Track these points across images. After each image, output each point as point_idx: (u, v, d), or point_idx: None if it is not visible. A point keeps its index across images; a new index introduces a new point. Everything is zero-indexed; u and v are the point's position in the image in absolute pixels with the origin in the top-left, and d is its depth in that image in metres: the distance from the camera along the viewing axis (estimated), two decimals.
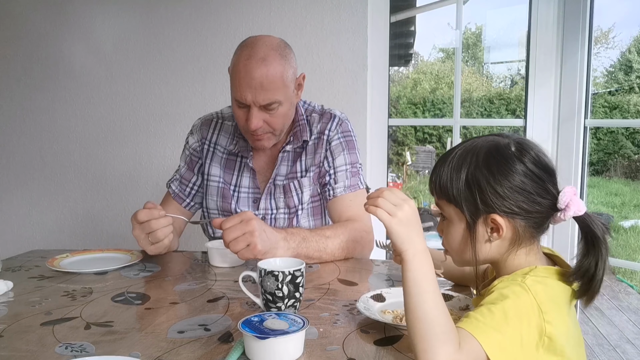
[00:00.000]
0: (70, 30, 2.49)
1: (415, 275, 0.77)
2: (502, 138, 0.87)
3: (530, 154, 0.84)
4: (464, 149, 0.88)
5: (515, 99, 12.51)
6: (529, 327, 0.76)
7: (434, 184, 0.90)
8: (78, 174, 2.57)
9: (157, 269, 1.33)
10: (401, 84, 15.32)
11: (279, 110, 1.37)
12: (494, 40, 18.62)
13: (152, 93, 2.45)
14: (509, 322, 0.75)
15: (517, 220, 0.84)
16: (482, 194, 0.83)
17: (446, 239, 0.91)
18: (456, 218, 0.88)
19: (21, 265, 1.36)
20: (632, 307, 4.41)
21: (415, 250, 0.78)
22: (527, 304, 0.77)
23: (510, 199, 0.82)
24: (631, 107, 12.07)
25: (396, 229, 0.79)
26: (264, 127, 1.39)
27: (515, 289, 0.79)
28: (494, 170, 0.83)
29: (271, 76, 1.32)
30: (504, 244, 0.86)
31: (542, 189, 0.83)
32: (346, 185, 1.49)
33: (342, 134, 1.52)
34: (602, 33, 16.08)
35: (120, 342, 0.87)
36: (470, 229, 0.86)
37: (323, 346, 0.85)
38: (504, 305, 0.76)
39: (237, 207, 1.52)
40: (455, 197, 0.86)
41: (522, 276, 0.82)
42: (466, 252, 0.88)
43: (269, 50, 1.33)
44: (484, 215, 0.84)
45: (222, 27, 2.35)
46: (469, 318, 0.76)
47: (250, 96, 1.33)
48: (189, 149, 1.60)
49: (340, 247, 1.37)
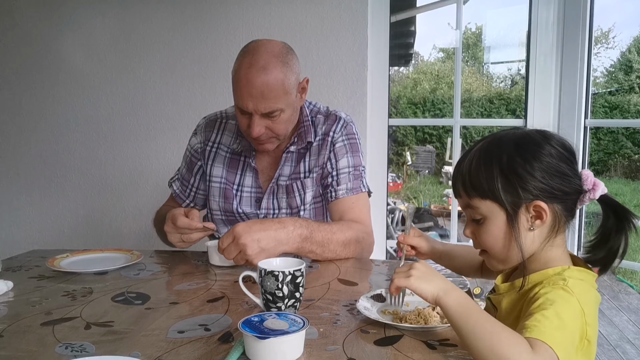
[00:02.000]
0: (70, 30, 2.48)
1: (456, 308, 0.79)
2: (520, 129, 0.89)
3: (555, 137, 0.87)
4: (486, 145, 0.88)
5: (515, 99, 12.52)
6: (577, 330, 0.77)
7: (462, 184, 0.89)
8: (78, 174, 2.57)
9: (157, 269, 1.33)
10: (401, 84, 15.32)
11: (281, 117, 1.37)
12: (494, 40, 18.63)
13: (152, 93, 2.45)
14: (564, 323, 0.75)
15: (555, 205, 0.85)
16: (521, 181, 0.84)
17: (484, 239, 0.90)
18: (494, 213, 0.87)
19: (21, 265, 1.36)
20: (632, 307, 4.40)
21: (445, 290, 0.81)
22: (575, 307, 0.78)
23: (549, 183, 0.83)
24: (631, 107, 12.07)
25: (417, 284, 0.83)
26: (267, 133, 1.39)
27: (560, 292, 0.79)
28: (528, 156, 0.84)
29: (272, 85, 1.31)
30: (544, 232, 0.86)
31: (573, 169, 0.85)
32: (348, 187, 1.49)
33: (347, 136, 1.51)
34: (602, 33, 16.09)
35: (120, 342, 0.87)
36: (512, 220, 0.85)
37: (323, 346, 0.85)
38: (555, 309, 0.76)
39: (239, 207, 1.52)
40: (492, 191, 0.85)
41: (562, 280, 0.82)
42: (511, 247, 0.87)
43: (270, 57, 1.32)
44: (525, 204, 0.84)
45: (222, 27, 2.35)
46: (526, 328, 0.76)
47: (252, 105, 1.33)
48: (190, 149, 1.60)
49: (344, 244, 1.37)
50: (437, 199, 9.13)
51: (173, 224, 1.35)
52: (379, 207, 2.35)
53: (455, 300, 0.79)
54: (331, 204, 1.50)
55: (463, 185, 0.89)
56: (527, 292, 0.86)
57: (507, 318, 0.89)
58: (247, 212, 1.51)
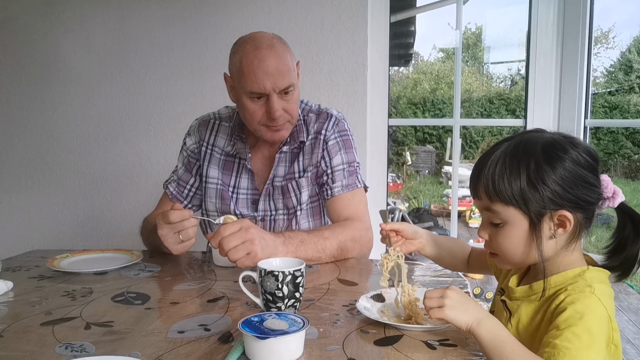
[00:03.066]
0: (70, 30, 2.48)
1: (490, 339, 0.78)
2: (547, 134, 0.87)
3: (580, 144, 0.86)
4: (513, 148, 0.86)
5: (515, 99, 12.51)
6: (604, 339, 0.77)
7: (484, 187, 0.87)
8: (78, 174, 2.57)
9: (157, 269, 1.33)
10: (401, 84, 15.31)
11: (294, 95, 1.39)
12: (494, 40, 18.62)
13: (151, 93, 2.45)
14: (595, 339, 0.75)
15: (578, 213, 0.84)
16: (549, 191, 0.82)
17: (502, 243, 0.88)
18: (516, 220, 0.85)
19: (21, 265, 1.36)
20: (632, 307, 4.40)
21: (479, 320, 0.79)
22: (604, 316, 0.77)
23: (575, 193, 0.82)
24: (631, 107, 12.07)
25: (453, 314, 0.81)
26: (284, 116, 1.39)
27: (587, 302, 0.78)
28: (557, 166, 0.82)
29: (283, 60, 1.34)
30: (565, 238, 0.86)
31: (596, 178, 0.85)
32: (344, 184, 1.49)
33: (339, 133, 1.52)
34: (602, 33, 16.08)
35: (120, 342, 0.87)
36: (535, 229, 0.84)
37: (323, 346, 0.85)
38: (585, 325, 0.76)
39: (236, 209, 1.52)
40: (516, 198, 0.84)
41: (588, 286, 0.81)
42: (530, 253, 0.86)
43: (271, 39, 1.37)
44: (550, 212, 0.83)
45: (221, 27, 2.35)
46: (558, 350, 0.75)
47: (270, 83, 1.33)
48: (187, 150, 1.59)
49: (339, 248, 1.36)
50: (437, 199, 9.13)
51: (166, 222, 1.27)
52: (379, 207, 2.34)
53: (489, 331, 0.78)
54: (328, 202, 1.50)
55: (485, 188, 0.87)
56: (549, 298, 0.85)
57: (527, 325, 0.88)
58: (245, 214, 1.51)
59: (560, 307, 0.80)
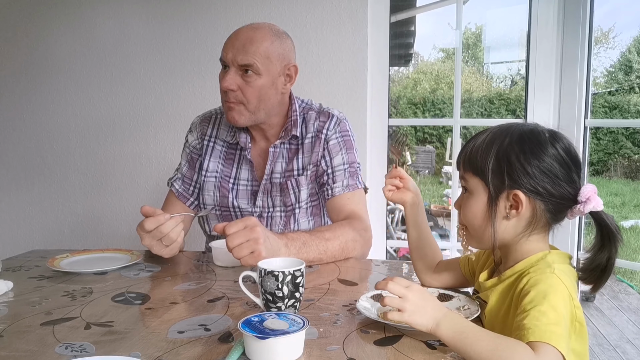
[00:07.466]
0: (69, 30, 2.49)
1: (452, 336, 0.79)
2: (536, 125, 0.91)
3: (563, 141, 0.89)
4: (498, 129, 0.92)
5: (515, 99, 12.53)
6: (568, 315, 0.79)
7: (462, 156, 0.93)
8: (78, 174, 2.57)
9: (157, 269, 1.33)
10: (401, 84, 15.33)
11: (256, 82, 1.39)
12: (494, 40, 18.63)
13: (151, 93, 2.45)
14: (561, 315, 0.77)
15: (537, 202, 0.87)
16: (510, 168, 0.86)
17: (465, 212, 0.94)
18: (479, 191, 0.91)
19: (21, 265, 1.36)
20: (632, 307, 4.41)
21: (437, 321, 0.80)
22: (565, 294, 0.80)
23: (536, 178, 0.86)
24: (631, 107, 12.08)
25: (412, 319, 0.82)
26: (237, 95, 1.39)
27: (550, 281, 0.81)
28: (526, 149, 0.87)
29: (256, 41, 1.37)
30: (520, 225, 0.89)
31: (568, 176, 0.87)
32: (344, 184, 1.49)
33: (340, 133, 1.52)
34: (602, 33, 16.10)
35: (120, 342, 0.87)
36: (492, 203, 0.89)
37: (323, 346, 0.85)
38: (549, 302, 0.78)
39: (234, 201, 1.52)
40: (482, 170, 0.89)
41: (548, 267, 0.84)
42: (487, 229, 0.90)
43: (265, 25, 1.42)
44: (507, 191, 0.87)
45: (221, 27, 2.35)
46: (526, 329, 0.76)
47: (231, 54, 1.38)
48: (189, 147, 1.60)
49: (340, 248, 1.36)
50: (437, 199, 9.13)
51: (144, 232, 1.29)
52: (379, 207, 2.35)
53: (449, 329, 0.80)
54: (328, 202, 1.50)
55: (463, 158, 0.93)
56: (513, 282, 0.88)
57: (497, 311, 0.91)
58: (242, 208, 1.51)
59: (524, 290, 0.83)
